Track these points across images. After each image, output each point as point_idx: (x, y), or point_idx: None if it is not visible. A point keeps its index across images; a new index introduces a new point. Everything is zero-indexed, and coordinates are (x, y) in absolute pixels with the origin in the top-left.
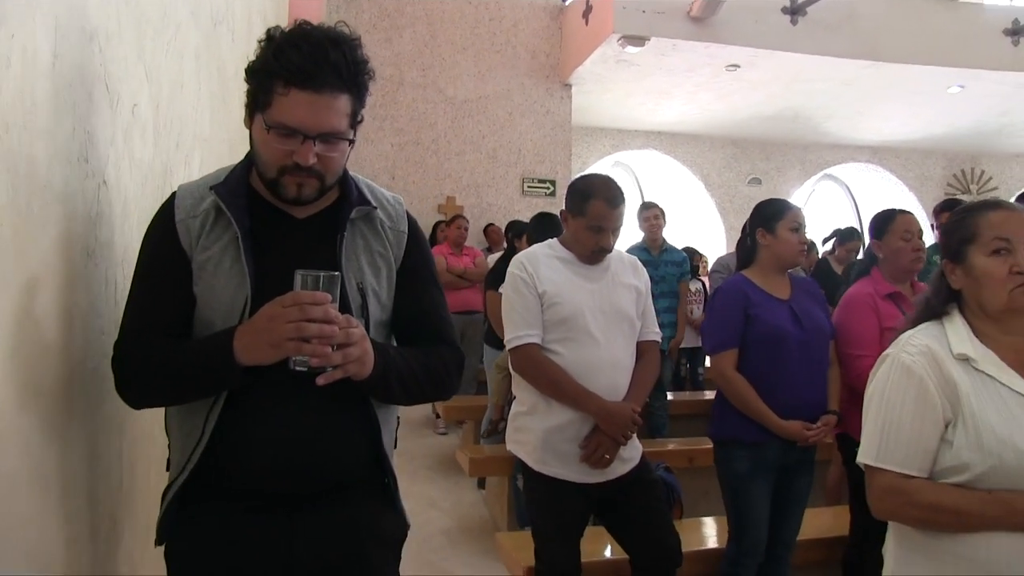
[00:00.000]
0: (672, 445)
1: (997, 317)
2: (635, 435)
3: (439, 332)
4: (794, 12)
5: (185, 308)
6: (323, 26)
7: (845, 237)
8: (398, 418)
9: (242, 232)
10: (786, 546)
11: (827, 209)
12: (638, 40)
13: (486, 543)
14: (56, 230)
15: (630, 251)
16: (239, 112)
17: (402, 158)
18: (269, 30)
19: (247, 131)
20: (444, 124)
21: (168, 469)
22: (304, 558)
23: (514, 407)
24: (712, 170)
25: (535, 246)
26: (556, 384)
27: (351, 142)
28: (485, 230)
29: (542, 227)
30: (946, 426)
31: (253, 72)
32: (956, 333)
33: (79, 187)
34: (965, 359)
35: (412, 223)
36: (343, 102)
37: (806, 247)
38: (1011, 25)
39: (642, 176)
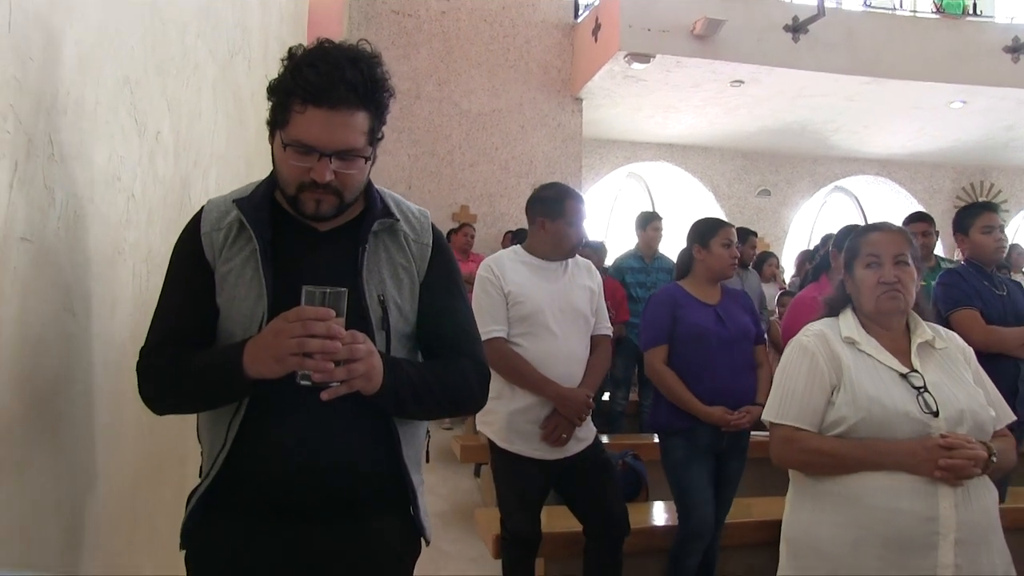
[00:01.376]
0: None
1: (872, 316)
2: (589, 418)
3: (463, 346)
4: (795, 30)
5: (208, 319)
6: (344, 44)
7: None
8: (428, 431)
9: (261, 245)
10: (718, 523)
11: (839, 221)
12: (643, 57)
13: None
14: (94, 233)
15: (623, 257)
16: (255, 131)
17: (418, 168)
18: (291, 48)
19: (265, 147)
20: (459, 136)
21: (201, 476)
22: (320, 571)
23: None
24: (722, 181)
25: (501, 252)
26: (519, 373)
27: (369, 159)
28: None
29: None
30: (832, 391)
31: (273, 90)
32: (846, 324)
33: (112, 200)
34: (852, 342)
35: (437, 236)
36: (360, 119)
37: (736, 260)
38: (1011, 42)
39: (654, 187)
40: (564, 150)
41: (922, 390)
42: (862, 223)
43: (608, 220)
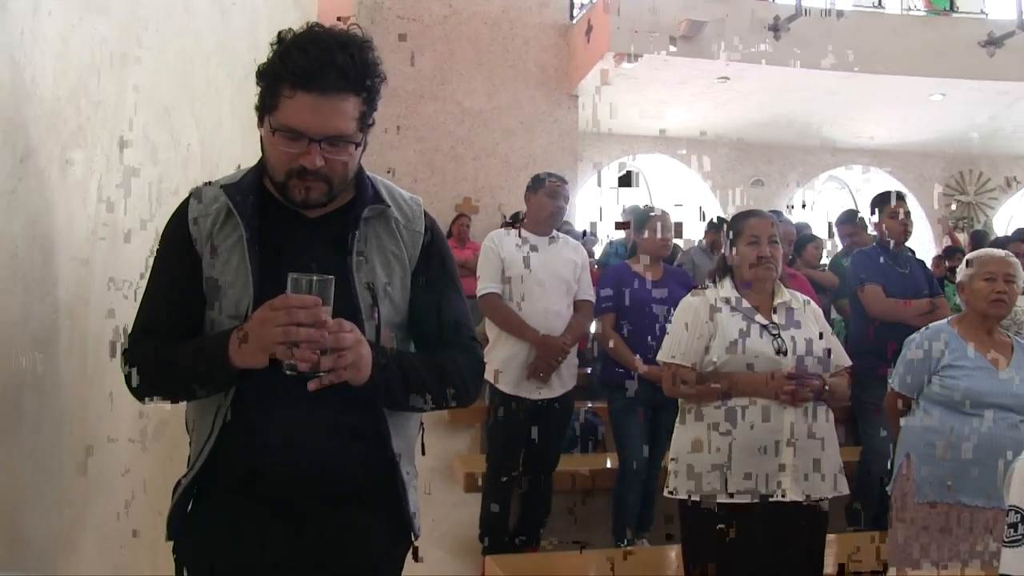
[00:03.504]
0: None
1: (749, 283)
2: (573, 372)
3: (457, 337)
4: (776, 29)
5: (195, 306)
6: (333, 28)
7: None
8: (421, 424)
9: (248, 232)
10: (655, 465)
11: (832, 210)
12: (632, 57)
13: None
14: (146, 230)
15: (613, 244)
16: None
17: (424, 163)
18: (280, 32)
19: None
20: (462, 133)
21: (188, 466)
22: (306, 566)
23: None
24: (716, 172)
25: (500, 229)
26: (508, 322)
27: (360, 145)
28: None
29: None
30: (710, 338)
31: (262, 75)
32: (724, 288)
33: (159, 201)
34: (727, 301)
35: (430, 223)
36: (350, 104)
37: (669, 242)
38: (987, 37)
39: (651, 178)
40: (561, 144)
41: (776, 336)
42: (857, 211)
43: (605, 211)
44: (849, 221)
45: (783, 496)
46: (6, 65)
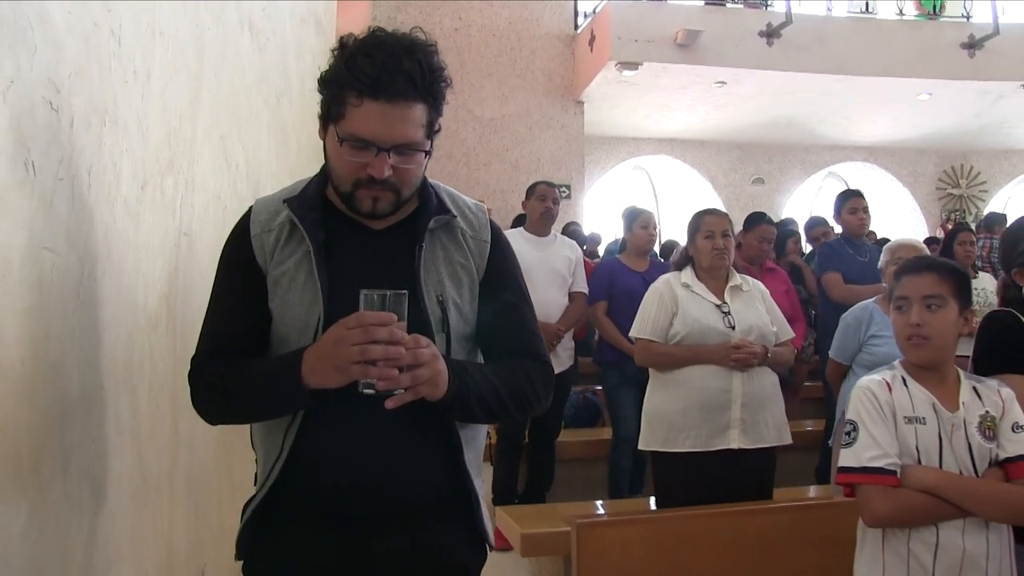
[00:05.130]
0: None
1: (707, 270)
2: (571, 352)
3: (526, 345)
4: (769, 35)
5: (260, 325)
6: (397, 33)
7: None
8: (488, 434)
9: (315, 246)
10: None
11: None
12: (632, 65)
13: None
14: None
15: (613, 243)
16: (296, 152)
17: (438, 170)
18: (342, 38)
19: (306, 162)
20: (473, 140)
21: (255, 484)
22: None
23: None
24: (719, 172)
25: (510, 230)
26: None
27: (427, 153)
28: None
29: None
30: (672, 316)
31: (326, 83)
32: (686, 275)
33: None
34: (687, 286)
35: (496, 231)
36: (418, 111)
37: (654, 238)
38: (967, 39)
39: (657, 179)
40: (568, 149)
41: (727, 314)
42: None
43: (616, 211)
44: (815, 226)
45: (734, 445)
46: (134, 121)
